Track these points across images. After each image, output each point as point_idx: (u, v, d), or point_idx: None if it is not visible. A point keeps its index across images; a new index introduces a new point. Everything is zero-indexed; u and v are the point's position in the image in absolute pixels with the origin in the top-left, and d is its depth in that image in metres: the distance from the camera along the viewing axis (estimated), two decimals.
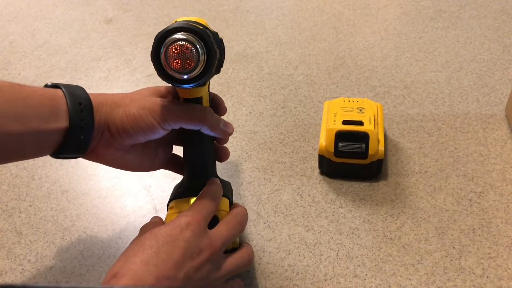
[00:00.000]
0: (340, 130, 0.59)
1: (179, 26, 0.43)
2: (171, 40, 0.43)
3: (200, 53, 0.43)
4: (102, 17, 1.04)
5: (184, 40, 0.43)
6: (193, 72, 0.44)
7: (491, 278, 0.50)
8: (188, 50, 0.43)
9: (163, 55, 0.43)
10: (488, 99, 0.74)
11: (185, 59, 0.43)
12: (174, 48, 0.43)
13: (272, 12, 1.01)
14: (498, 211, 0.57)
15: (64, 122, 0.43)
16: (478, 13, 0.95)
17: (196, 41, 0.43)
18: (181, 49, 0.43)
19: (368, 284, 0.50)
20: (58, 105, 0.43)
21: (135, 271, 0.38)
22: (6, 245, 0.57)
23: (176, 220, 0.44)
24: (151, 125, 0.46)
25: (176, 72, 0.44)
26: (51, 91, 0.44)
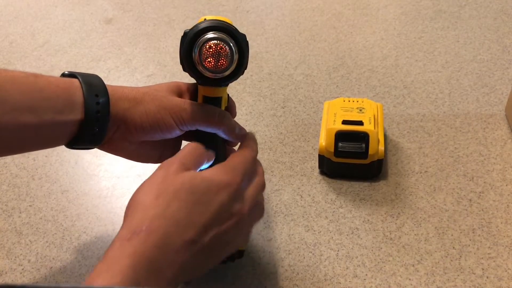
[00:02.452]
0: (340, 130, 0.59)
1: (214, 25, 0.43)
2: (206, 39, 0.43)
3: (234, 53, 0.43)
4: (102, 17, 1.04)
5: (219, 40, 0.42)
6: (226, 71, 0.44)
7: (491, 278, 0.50)
8: (223, 50, 0.43)
9: (197, 54, 0.43)
10: (488, 99, 0.74)
11: (218, 58, 0.43)
12: (208, 46, 0.42)
13: (272, 12, 1.01)
14: (498, 211, 0.57)
15: (79, 114, 0.42)
16: (478, 13, 0.95)
17: (230, 40, 0.43)
18: (216, 48, 0.43)
19: (368, 284, 0.50)
20: (73, 96, 0.42)
21: (165, 230, 0.36)
22: (6, 245, 0.57)
23: (216, 175, 0.41)
24: (170, 126, 0.46)
25: (208, 70, 0.44)
26: (67, 82, 0.43)
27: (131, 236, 0.36)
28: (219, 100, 0.49)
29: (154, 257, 0.35)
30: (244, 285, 0.51)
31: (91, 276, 0.34)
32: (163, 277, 0.36)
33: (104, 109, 0.43)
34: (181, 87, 0.50)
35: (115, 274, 0.33)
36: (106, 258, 0.35)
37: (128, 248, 0.35)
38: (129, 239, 0.36)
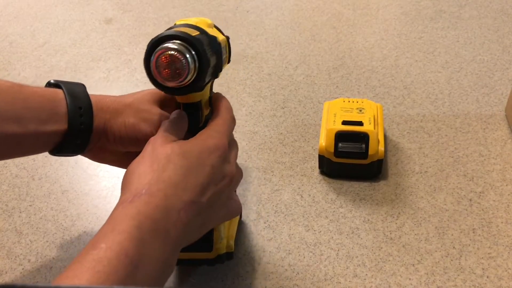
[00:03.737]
0: (340, 131, 0.59)
1: (170, 34, 0.42)
2: (161, 48, 0.42)
3: (190, 62, 0.42)
4: (102, 17, 1.04)
5: (173, 50, 0.41)
6: (184, 81, 0.43)
7: (491, 278, 0.50)
8: (178, 60, 0.42)
9: (154, 64, 0.42)
10: (488, 99, 0.74)
11: (174, 69, 0.42)
12: (164, 57, 0.42)
13: (272, 12, 1.02)
14: (498, 211, 0.57)
15: (62, 125, 0.43)
16: (478, 13, 0.95)
17: (186, 50, 0.42)
18: (170, 59, 0.42)
19: (368, 284, 0.50)
20: (57, 107, 0.43)
21: (165, 193, 0.37)
22: (6, 245, 0.57)
23: (204, 140, 0.42)
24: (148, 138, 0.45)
25: (166, 80, 0.43)
26: (51, 93, 0.43)
27: (133, 198, 0.36)
28: (198, 104, 0.48)
29: (157, 218, 0.36)
30: (244, 285, 0.51)
31: (97, 237, 0.34)
32: (168, 237, 0.36)
33: (87, 121, 0.44)
34: (167, 96, 0.50)
35: (120, 233, 0.34)
36: (110, 220, 0.35)
37: (131, 209, 0.36)
38: (131, 201, 0.36)
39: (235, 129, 0.71)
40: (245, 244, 0.55)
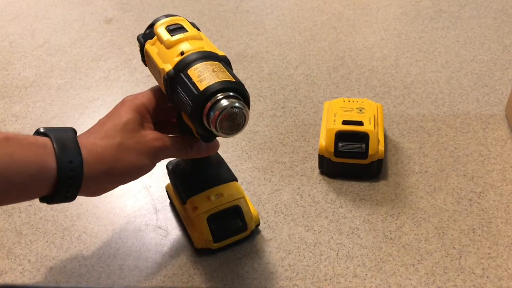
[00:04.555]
0: (340, 130, 0.59)
1: (227, 86, 0.42)
2: (220, 108, 0.41)
3: (246, 113, 0.43)
4: (102, 17, 1.04)
5: (237, 108, 0.41)
6: (241, 129, 0.44)
7: (491, 278, 0.50)
8: (239, 116, 0.42)
9: (213, 121, 0.41)
10: (488, 99, 0.74)
11: (234, 122, 0.43)
12: (224, 116, 0.41)
13: (272, 12, 1.01)
14: (498, 211, 0.57)
15: (52, 179, 0.42)
16: (478, 13, 0.95)
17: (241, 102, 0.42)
18: (232, 116, 0.42)
19: (368, 284, 0.50)
20: (46, 162, 0.41)
21: None
22: (6, 245, 0.57)
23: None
24: (149, 168, 0.48)
25: (223, 132, 0.43)
26: (39, 145, 0.42)
27: None
28: None
29: None
30: (244, 285, 0.51)
31: None
32: None
33: (78, 174, 0.43)
34: (142, 113, 0.48)
35: None
36: None
37: None
38: None
39: None
40: (245, 244, 0.55)
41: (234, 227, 0.54)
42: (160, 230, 0.58)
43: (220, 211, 0.53)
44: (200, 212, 0.52)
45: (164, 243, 0.56)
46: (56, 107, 0.79)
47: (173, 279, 0.52)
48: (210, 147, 0.51)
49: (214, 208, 0.53)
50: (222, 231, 0.53)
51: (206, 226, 0.52)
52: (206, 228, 0.52)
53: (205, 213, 0.52)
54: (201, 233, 0.53)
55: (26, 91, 0.83)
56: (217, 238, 0.53)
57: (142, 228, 0.58)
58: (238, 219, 0.54)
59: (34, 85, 0.84)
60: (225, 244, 0.54)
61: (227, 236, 0.54)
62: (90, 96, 0.81)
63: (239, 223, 0.54)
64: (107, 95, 0.81)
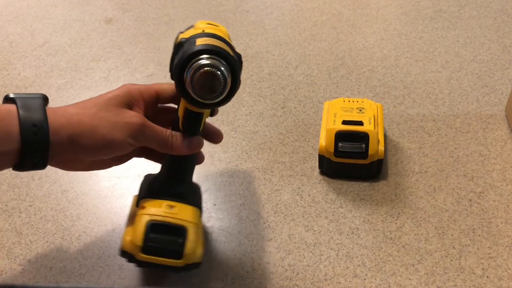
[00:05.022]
0: (340, 130, 0.59)
1: (208, 48, 0.42)
2: (199, 64, 0.41)
3: (227, 80, 0.42)
4: (102, 17, 1.04)
5: (213, 66, 0.41)
6: (217, 98, 0.43)
7: (491, 278, 0.50)
8: (216, 77, 0.42)
9: (189, 77, 0.42)
10: (488, 99, 0.74)
11: (211, 85, 0.42)
12: (200, 74, 0.41)
13: (272, 12, 1.01)
14: (498, 211, 0.57)
15: (16, 144, 0.41)
16: (478, 13, 0.95)
17: (225, 67, 0.42)
18: (208, 75, 0.42)
19: (368, 284, 0.50)
20: (9, 126, 0.40)
21: None
22: (6, 245, 0.57)
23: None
24: (121, 145, 0.45)
25: (199, 96, 0.43)
26: (3, 111, 0.41)
27: None
28: (201, 116, 0.48)
29: None
30: (244, 285, 0.51)
31: None
32: None
33: (43, 140, 0.41)
34: (134, 95, 0.48)
35: None
36: None
37: None
38: None
39: (235, 129, 0.71)
40: (245, 244, 0.55)
41: (169, 248, 0.46)
42: None
43: (165, 224, 0.47)
44: (144, 212, 0.47)
45: None
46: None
47: (173, 279, 0.52)
48: (193, 144, 0.49)
49: (160, 216, 0.47)
50: (155, 244, 0.46)
51: (143, 229, 0.46)
52: (142, 231, 0.46)
53: (148, 215, 0.47)
54: (134, 235, 0.46)
55: (26, 91, 0.83)
56: (147, 249, 0.46)
57: None
58: (178, 242, 0.47)
59: (34, 85, 0.84)
60: (151, 261, 0.46)
61: (157, 253, 0.46)
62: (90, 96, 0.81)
63: (177, 247, 0.46)
64: None
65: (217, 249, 0.55)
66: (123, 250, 0.47)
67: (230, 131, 0.71)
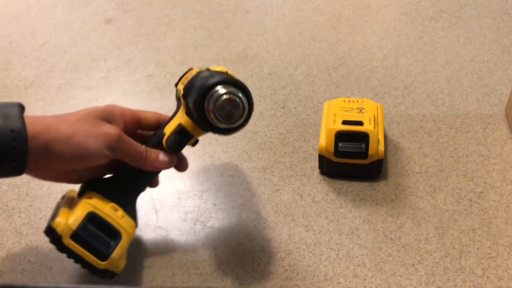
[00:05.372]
0: (340, 130, 0.59)
1: (223, 79, 0.46)
2: (220, 93, 0.45)
3: (245, 105, 0.47)
4: (102, 17, 1.04)
5: (233, 94, 0.46)
6: (236, 123, 0.47)
7: (491, 278, 0.50)
8: (236, 104, 0.46)
9: (212, 105, 0.45)
10: (488, 99, 0.74)
11: (230, 111, 0.46)
12: (224, 100, 0.45)
13: (272, 12, 1.02)
14: (498, 211, 0.57)
15: None
16: (478, 13, 0.95)
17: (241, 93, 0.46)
18: (230, 102, 0.46)
19: (368, 284, 0.50)
20: None
21: None
22: (6, 245, 0.57)
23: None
24: (95, 155, 0.46)
25: (219, 121, 0.46)
26: None
27: None
28: (191, 137, 0.51)
29: None
30: (244, 285, 0.51)
31: None
32: None
33: (21, 145, 0.42)
34: (115, 113, 0.49)
35: None
36: None
37: None
38: None
39: None
40: (245, 244, 0.55)
41: (98, 246, 0.47)
42: (160, 230, 0.58)
43: (104, 221, 0.47)
44: (89, 202, 0.47)
45: (164, 243, 0.56)
46: (56, 107, 0.79)
47: (173, 279, 0.52)
48: (167, 160, 0.50)
49: (103, 213, 0.47)
50: (87, 236, 0.46)
51: (82, 216, 0.46)
52: (81, 218, 0.46)
53: (92, 206, 0.47)
54: (71, 218, 0.46)
55: (26, 91, 0.83)
56: (77, 236, 0.46)
57: (142, 228, 0.58)
58: (109, 243, 0.47)
59: (34, 85, 0.84)
60: (74, 250, 0.46)
61: (85, 245, 0.46)
62: (90, 96, 0.81)
63: (105, 248, 0.47)
64: (107, 95, 0.81)
65: (217, 249, 0.55)
66: (52, 228, 0.46)
67: None
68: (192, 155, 0.68)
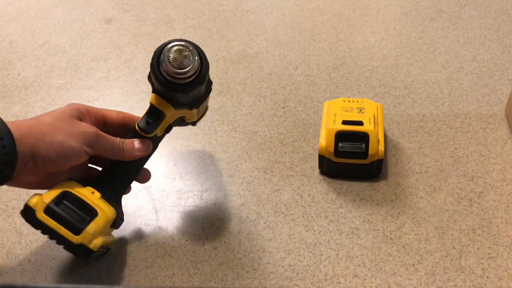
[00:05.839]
0: (340, 130, 0.59)
1: (177, 39, 0.49)
2: (170, 45, 0.48)
3: (196, 57, 0.48)
4: (102, 17, 1.04)
5: (181, 45, 0.48)
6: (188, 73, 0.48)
7: (491, 278, 0.50)
8: (185, 54, 0.48)
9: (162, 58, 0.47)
10: (488, 99, 0.74)
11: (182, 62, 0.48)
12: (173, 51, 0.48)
13: (272, 12, 1.01)
14: (498, 211, 0.57)
15: None
16: (478, 13, 0.95)
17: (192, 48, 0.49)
18: (179, 51, 0.48)
19: (368, 284, 0.50)
20: None
21: None
22: (6, 245, 0.57)
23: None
24: (78, 153, 0.47)
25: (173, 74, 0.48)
26: None
27: None
28: (162, 115, 0.52)
29: None
30: (244, 285, 0.51)
31: None
32: None
33: (12, 151, 0.43)
34: (81, 111, 0.51)
35: None
36: None
37: None
38: None
39: (235, 129, 0.71)
40: (245, 244, 0.55)
41: (72, 220, 0.47)
42: (160, 230, 0.58)
43: (78, 199, 0.48)
44: (65, 183, 0.49)
45: (164, 243, 0.56)
46: (56, 107, 0.79)
47: (173, 279, 0.52)
48: (142, 147, 0.52)
49: (79, 193, 0.48)
50: (60, 210, 0.47)
51: (56, 192, 0.47)
52: (54, 194, 0.47)
53: (67, 186, 0.48)
54: (46, 195, 0.47)
55: (26, 91, 0.83)
56: (51, 211, 0.46)
57: (142, 228, 0.58)
58: (84, 218, 0.47)
59: (34, 85, 0.84)
60: (48, 224, 0.46)
61: (58, 219, 0.46)
62: (90, 96, 0.81)
63: (79, 222, 0.47)
64: (107, 95, 0.81)
65: (217, 249, 0.55)
66: (27, 205, 0.47)
67: (230, 131, 0.71)
68: (192, 155, 0.68)
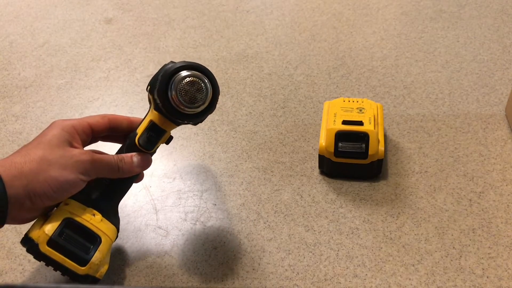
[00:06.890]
0: (340, 130, 0.59)
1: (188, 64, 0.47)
2: (182, 76, 0.46)
3: (209, 89, 0.47)
4: (102, 17, 1.04)
5: (195, 77, 0.46)
6: (201, 106, 0.47)
7: (491, 278, 0.50)
8: (199, 87, 0.47)
9: (173, 91, 0.46)
10: (488, 99, 0.74)
11: (194, 95, 0.46)
12: (186, 83, 0.46)
13: (272, 12, 1.01)
14: (498, 211, 0.57)
15: None
16: (478, 13, 0.95)
17: (206, 79, 0.47)
18: (192, 84, 0.46)
19: (368, 284, 0.50)
20: None
21: None
22: (6, 245, 0.57)
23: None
24: (75, 184, 0.46)
25: (183, 105, 0.46)
26: None
27: None
28: (163, 132, 0.50)
29: None
30: (244, 285, 0.51)
31: None
32: None
33: (1, 195, 0.41)
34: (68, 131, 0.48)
35: None
36: None
37: None
38: None
39: (235, 129, 0.71)
40: (245, 244, 0.55)
41: (77, 251, 0.46)
42: (160, 230, 0.58)
43: (81, 226, 0.47)
44: (66, 208, 0.47)
45: (164, 243, 0.56)
46: (56, 107, 0.79)
47: (173, 279, 0.52)
48: (142, 162, 0.50)
49: (80, 218, 0.47)
50: (64, 242, 0.46)
51: (58, 222, 0.46)
52: (55, 224, 0.46)
53: (68, 212, 0.47)
54: (46, 225, 0.45)
55: (26, 91, 0.83)
56: (54, 243, 0.45)
57: (142, 228, 0.58)
58: (88, 248, 0.47)
59: (34, 85, 0.84)
60: (52, 257, 0.45)
61: (63, 251, 0.45)
62: (90, 96, 0.81)
63: (84, 253, 0.46)
64: (107, 95, 0.81)
65: (217, 249, 0.55)
66: (29, 237, 0.45)
67: (230, 131, 0.71)
68: (192, 155, 0.68)
